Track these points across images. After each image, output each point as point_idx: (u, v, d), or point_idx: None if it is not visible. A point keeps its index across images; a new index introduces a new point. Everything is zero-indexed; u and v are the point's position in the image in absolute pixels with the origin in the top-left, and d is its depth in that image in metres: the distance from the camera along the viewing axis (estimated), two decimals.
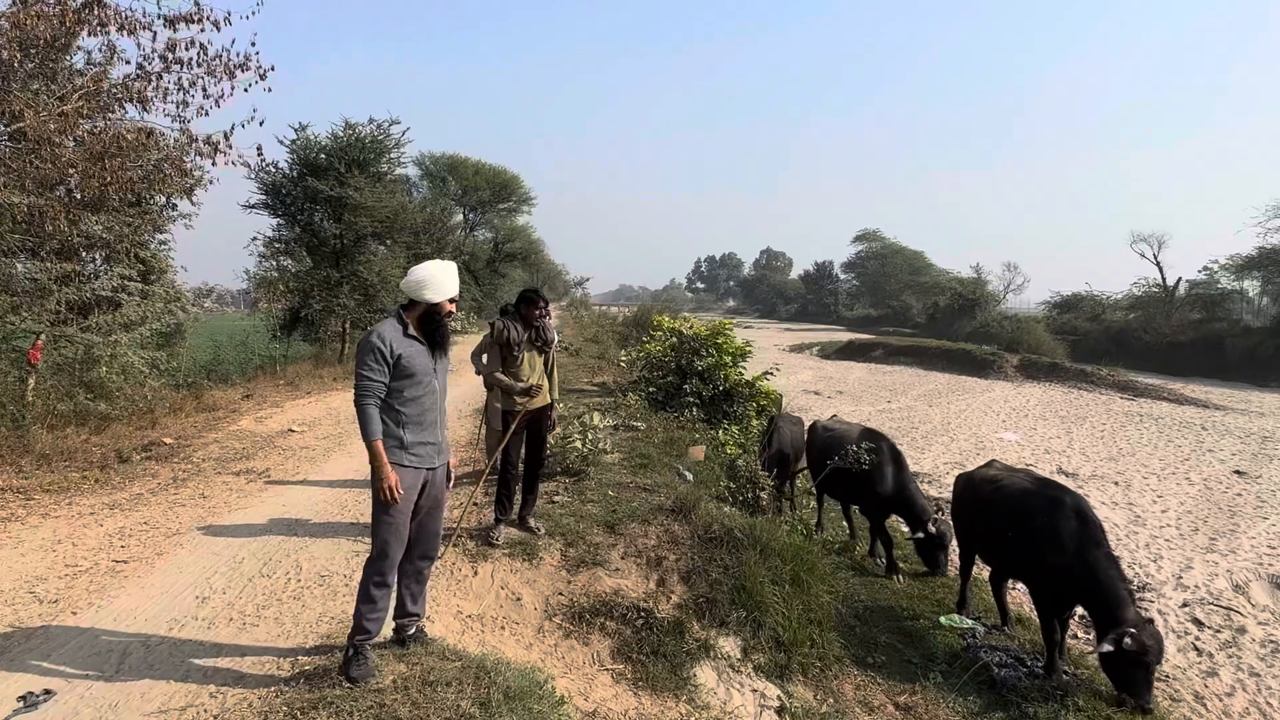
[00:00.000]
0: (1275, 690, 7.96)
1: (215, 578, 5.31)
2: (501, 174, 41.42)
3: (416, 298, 3.96)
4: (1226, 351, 39.34)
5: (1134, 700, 5.44)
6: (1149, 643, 5.29)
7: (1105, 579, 5.58)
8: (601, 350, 21.75)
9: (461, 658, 3.90)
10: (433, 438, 4.02)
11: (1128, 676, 5.41)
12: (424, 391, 3.96)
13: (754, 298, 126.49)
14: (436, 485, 4.08)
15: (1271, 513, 14.04)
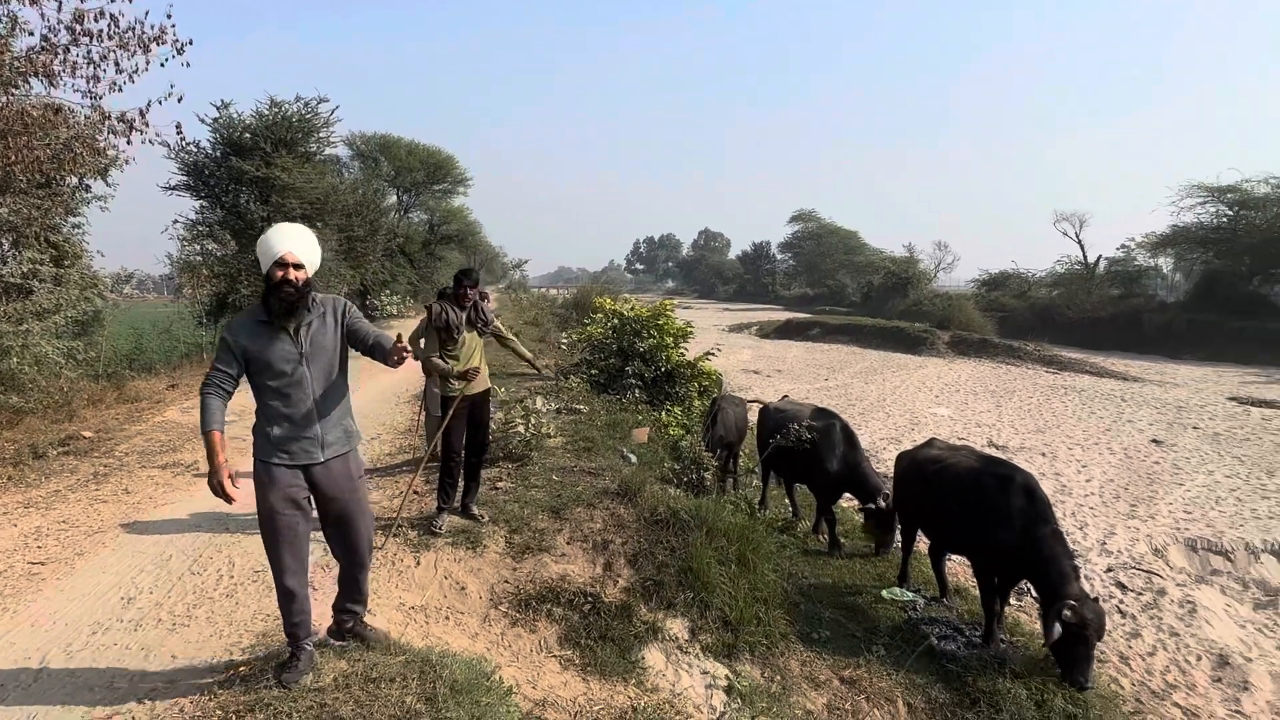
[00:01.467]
0: (1193, 648, 8.35)
1: (141, 577, 5.08)
2: (436, 154, 40.52)
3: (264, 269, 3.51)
4: (1143, 326, 41.03)
5: (1072, 677, 5.50)
6: (1089, 616, 5.41)
7: (1051, 555, 5.70)
8: (541, 333, 21.52)
9: (405, 652, 3.80)
10: (308, 431, 3.55)
11: (1068, 652, 5.51)
12: (288, 382, 3.51)
13: (693, 278, 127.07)
14: (333, 483, 3.64)
15: (1187, 479, 14.70)
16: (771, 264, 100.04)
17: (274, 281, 3.46)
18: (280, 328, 3.49)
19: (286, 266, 3.46)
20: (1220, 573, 10.81)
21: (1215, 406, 23.03)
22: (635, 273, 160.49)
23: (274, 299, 3.47)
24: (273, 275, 3.46)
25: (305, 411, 3.53)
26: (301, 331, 3.53)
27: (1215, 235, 45.85)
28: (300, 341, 3.52)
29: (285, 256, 3.46)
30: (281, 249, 3.47)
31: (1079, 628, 5.36)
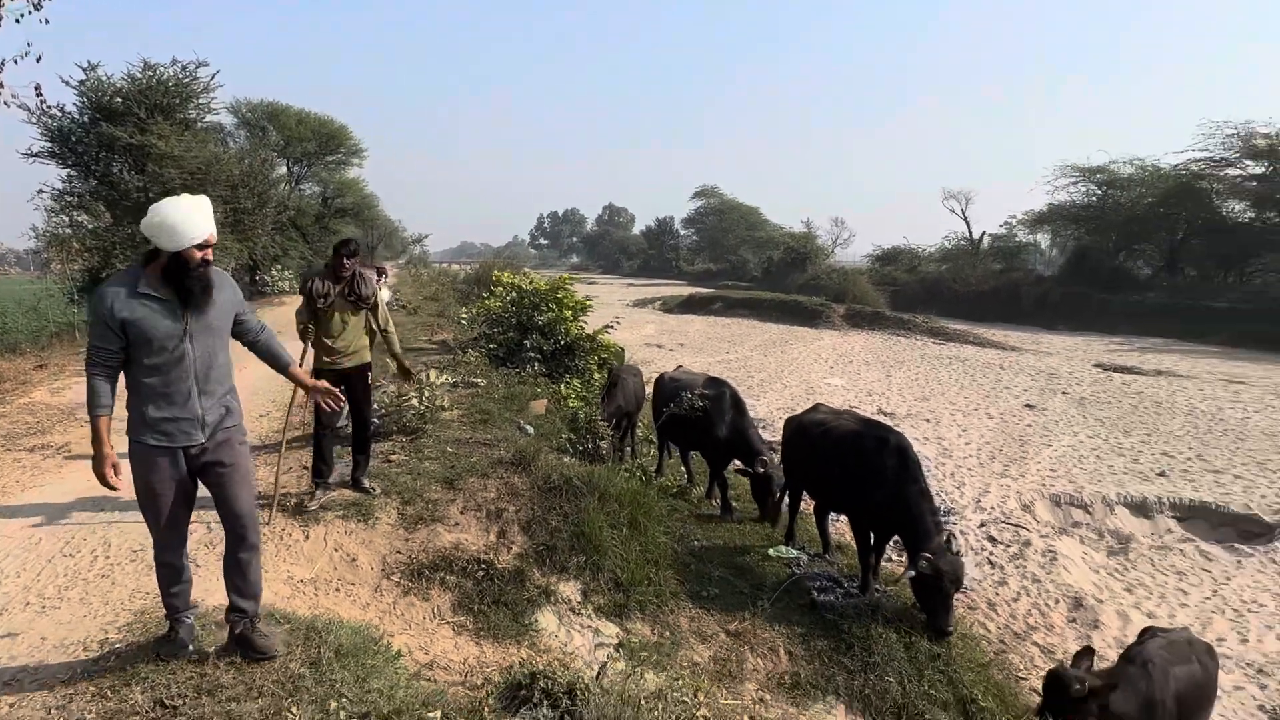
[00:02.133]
0: (1052, 593, 9.07)
1: (7, 561, 4.87)
2: (328, 124, 38.95)
3: (157, 245, 3.28)
4: (1022, 299, 43.44)
5: (932, 623, 5.92)
6: (945, 568, 5.79)
7: (917, 511, 6.10)
8: (441, 308, 21.22)
9: (290, 620, 3.80)
10: (187, 412, 3.35)
11: (927, 600, 5.95)
12: (168, 360, 3.29)
13: (597, 254, 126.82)
14: (214, 460, 3.47)
15: (1054, 440, 15.79)
16: (675, 239, 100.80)
17: (193, 263, 3.29)
18: (162, 301, 3.28)
19: (207, 247, 3.34)
20: (1080, 524, 11.71)
21: (1082, 373, 24.70)
22: (539, 248, 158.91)
23: (193, 281, 3.30)
24: (190, 256, 3.29)
25: (185, 390, 3.34)
26: (191, 308, 3.34)
27: (1086, 213, 48.89)
28: (185, 317, 3.32)
29: (209, 239, 3.34)
30: (205, 231, 3.31)
31: (934, 578, 5.77)
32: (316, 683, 3.20)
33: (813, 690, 5.35)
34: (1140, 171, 46.95)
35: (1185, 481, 13.09)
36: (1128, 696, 4.81)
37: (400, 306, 20.56)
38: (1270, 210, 41.88)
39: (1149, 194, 45.84)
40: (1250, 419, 18.05)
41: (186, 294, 3.29)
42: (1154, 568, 10.15)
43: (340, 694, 3.08)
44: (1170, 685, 4.84)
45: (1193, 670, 5.05)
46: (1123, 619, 8.61)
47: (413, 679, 3.57)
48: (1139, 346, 32.35)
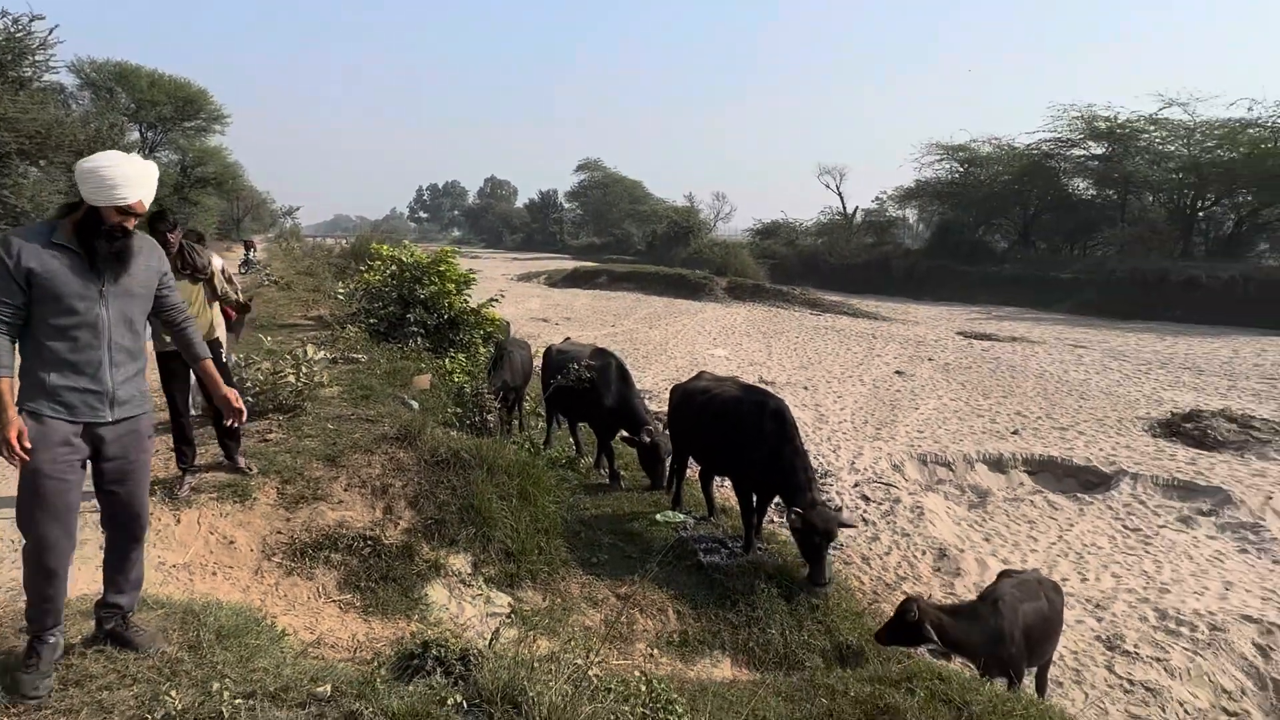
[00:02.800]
0: (919, 545, 9.69)
1: None
2: (185, 87, 36.49)
3: (82, 195, 3.00)
4: (892, 271, 45.71)
5: (810, 576, 6.27)
6: (815, 522, 6.11)
7: (791, 470, 6.40)
8: (316, 283, 20.34)
9: (165, 604, 3.64)
10: (96, 384, 3.03)
11: (805, 552, 6.31)
12: (77, 322, 2.97)
13: (480, 227, 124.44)
14: (119, 446, 3.12)
15: (921, 404, 16.76)
16: (559, 213, 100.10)
17: (109, 224, 2.97)
18: (77, 255, 2.96)
19: (130, 215, 3.02)
20: (944, 481, 12.53)
21: (946, 341, 26.25)
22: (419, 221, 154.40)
23: (103, 245, 2.97)
24: (108, 216, 2.97)
25: (94, 360, 3.01)
26: (107, 269, 3.02)
27: (949, 189, 51.78)
28: (103, 276, 3.00)
29: (136, 205, 3.02)
30: (135, 195, 2.99)
31: (805, 532, 6.10)
32: (196, 665, 3.09)
33: (700, 646, 5.56)
34: (998, 150, 50.04)
35: (1036, 438, 14.19)
36: (974, 629, 5.30)
37: (272, 282, 19.60)
38: (1109, 188, 45.53)
39: (1005, 171, 48.96)
40: (1091, 380, 19.69)
41: (92, 254, 2.97)
42: (1008, 518, 10.99)
43: (222, 675, 2.98)
44: (1019, 620, 5.31)
45: (1040, 606, 5.55)
46: (981, 566, 9.30)
47: (299, 657, 3.50)
48: (996, 315, 34.64)
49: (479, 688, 2.91)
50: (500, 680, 2.93)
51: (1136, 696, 6.90)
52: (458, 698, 2.77)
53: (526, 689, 2.87)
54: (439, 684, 2.98)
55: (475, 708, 2.83)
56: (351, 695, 2.82)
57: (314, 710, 2.79)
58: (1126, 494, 11.64)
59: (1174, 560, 9.49)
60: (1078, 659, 7.20)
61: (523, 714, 2.78)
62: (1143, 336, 27.82)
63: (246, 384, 7.27)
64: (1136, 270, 35.49)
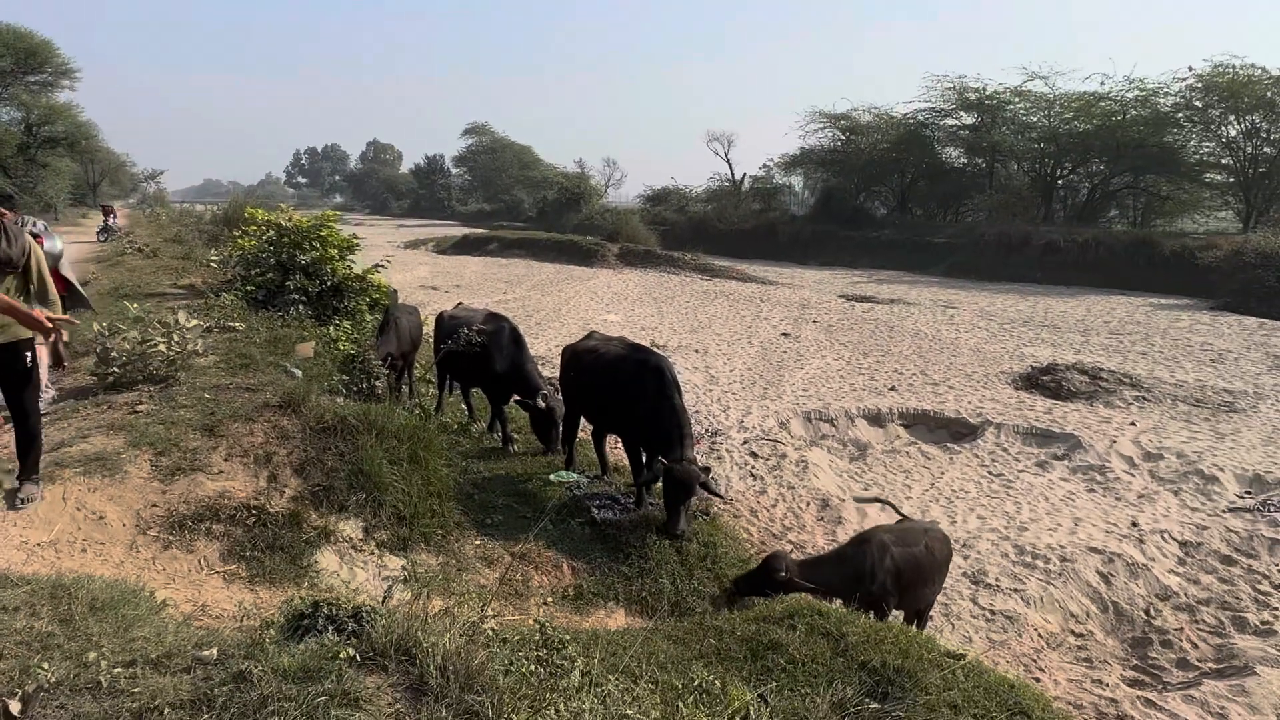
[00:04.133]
0: (802, 495, 10.15)
1: None
2: (27, 37, 33.49)
3: None
4: (779, 236, 46.81)
5: (665, 526, 6.51)
6: (676, 475, 6.30)
7: (667, 426, 6.58)
8: (186, 251, 19.19)
9: (30, 581, 3.46)
10: None
11: (665, 501, 6.54)
12: None
13: (363, 193, 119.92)
14: None
15: (806, 364, 17.39)
16: (446, 178, 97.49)
17: None
18: None
19: None
20: (827, 436, 13.10)
21: (830, 303, 27.22)
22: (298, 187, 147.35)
23: None
24: None
25: None
26: None
27: (832, 157, 53.32)
28: None
29: None
30: None
31: (666, 483, 6.37)
32: (69, 638, 2.97)
33: (595, 599, 5.71)
34: (877, 119, 51.76)
35: (911, 394, 14.99)
36: (837, 572, 5.69)
37: (136, 250, 18.38)
38: (978, 156, 47.96)
39: (884, 140, 50.75)
40: (961, 338, 20.89)
41: None
42: (886, 469, 11.64)
43: (99, 645, 2.89)
44: (886, 562, 5.69)
45: (915, 552, 5.94)
46: (861, 514, 9.83)
47: (182, 625, 3.41)
48: (876, 278, 36.11)
49: (372, 642, 2.93)
50: (394, 634, 2.96)
51: (997, 624, 7.51)
52: (350, 651, 2.77)
53: (420, 640, 2.91)
54: (331, 640, 2.98)
55: (369, 660, 2.85)
56: (240, 656, 2.79)
57: (200, 674, 2.75)
58: (991, 443, 12.49)
59: (1032, 501, 10.29)
60: (945, 594, 7.76)
61: (417, 664, 2.83)
62: (1008, 297, 29.62)
63: (112, 354, 6.89)
64: (1003, 234, 37.66)
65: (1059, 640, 7.34)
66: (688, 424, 6.67)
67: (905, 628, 4.99)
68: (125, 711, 2.54)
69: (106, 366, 6.85)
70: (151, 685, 2.66)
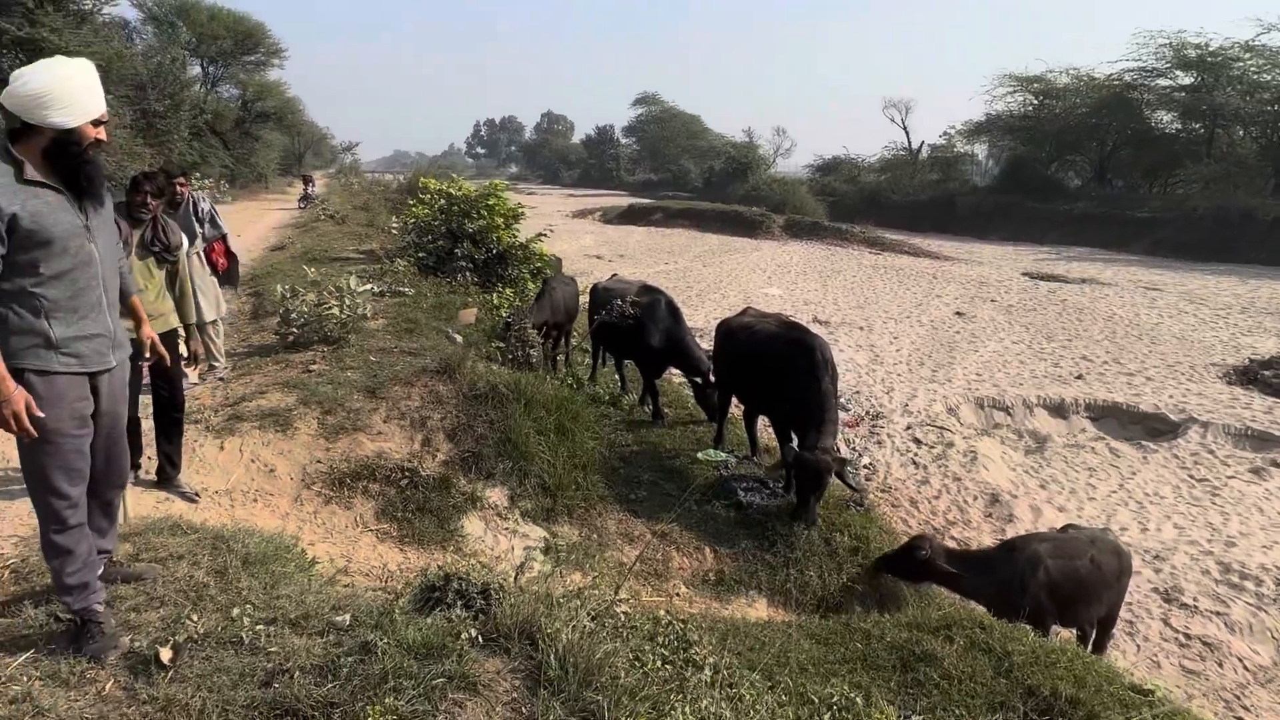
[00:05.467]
0: (971, 489, 9.45)
1: None
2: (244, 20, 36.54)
3: (36, 120, 2.55)
4: (957, 208, 44.03)
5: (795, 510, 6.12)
6: (807, 463, 5.90)
7: (810, 409, 6.23)
8: (371, 218, 20.46)
9: (197, 530, 3.69)
10: (100, 327, 2.73)
11: (796, 489, 6.18)
12: (75, 263, 2.64)
13: (536, 163, 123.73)
14: (110, 396, 2.83)
15: (981, 346, 16.24)
16: (615, 148, 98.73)
17: (83, 144, 2.61)
18: (57, 190, 2.60)
19: (101, 125, 2.67)
20: (1001, 425, 12.18)
21: (1011, 281, 25.32)
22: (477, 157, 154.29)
23: (82, 167, 2.62)
24: (86, 135, 2.61)
25: (94, 300, 2.69)
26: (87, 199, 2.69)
27: (1022, 123, 49.31)
28: (85, 211, 2.68)
29: (103, 116, 2.68)
30: (94, 107, 2.63)
31: (795, 470, 6.03)
32: (221, 590, 3.12)
33: (736, 585, 5.51)
34: (1076, 81, 47.33)
35: (1101, 384, 13.65)
36: (984, 578, 5.19)
37: (328, 216, 19.78)
38: (1195, 121, 42.79)
39: (1082, 104, 46.37)
40: (1163, 324, 18.83)
41: (78, 184, 2.64)
42: (1067, 464, 10.65)
43: (246, 600, 3.01)
44: (1039, 575, 5.12)
45: (1076, 566, 5.32)
46: (1035, 512, 9.04)
47: (326, 584, 3.52)
48: (1066, 255, 33.25)
49: (497, 622, 2.87)
50: (519, 615, 2.88)
51: (1193, 651, 6.66)
52: (473, 631, 2.73)
53: (544, 625, 2.82)
54: (457, 617, 2.94)
55: (491, 642, 2.79)
56: (369, 625, 2.81)
57: (332, 639, 2.79)
58: (1195, 443, 11.17)
59: (1243, 512, 9.09)
60: (1132, 611, 6.97)
61: (539, 650, 2.73)
62: (1223, 279, 26.43)
63: (292, 315, 7.34)
64: (1221, 209, 33.46)
65: (1269, 676, 6.41)
66: (832, 410, 6.27)
67: (1081, 651, 4.46)
68: (260, 670, 2.61)
69: (287, 326, 7.33)
70: (287, 646, 2.72)
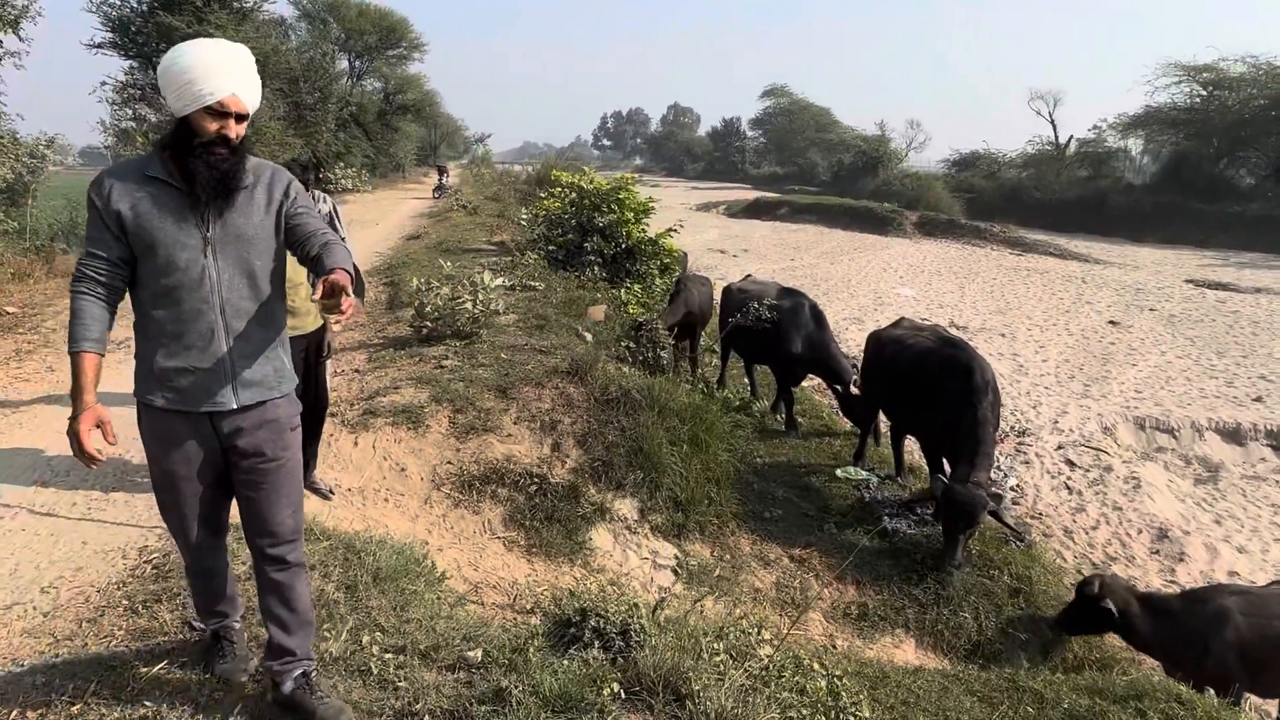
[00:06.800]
0: (1134, 521, 8.56)
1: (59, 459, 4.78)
2: (388, 16, 38.06)
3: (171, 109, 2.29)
4: (1109, 208, 40.93)
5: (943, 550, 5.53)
6: (957, 498, 5.34)
7: (964, 436, 5.67)
8: (501, 209, 20.80)
9: (330, 537, 3.59)
10: (209, 361, 2.31)
11: (945, 530, 5.54)
12: (180, 280, 2.26)
13: (661, 156, 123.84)
14: (251, 441, 2.39)
15: (1140, 360, 14.89)
16: (741, 141, 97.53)
17: (203, 136, 2.24)
18: (175, 189, 2.26)
19: (227, 117, 2.26)
20: (1165, 450, 11.06)
21: (1172, 289, 23.25)
22: (602, 149, 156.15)
23: (199, 164, 2.23)
24: (201, 126, 2.24)
25: (204, 328, 2.29)
26: (211, 206, 2.28)
27: (1187, 116, 45.29)
28: (207, 219, 2.28)
29: (228, 102, 2.25)
30: (222, 88, 2.24)
31: (943, 505, 5.40)
32: (351, 610, 2.98)
33: (880, 622, 5.06)
34: (1252, 70, 43.05)
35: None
36: (1167, 627, 4.60)
37: (461, 206, 20.23)
38: None
39: (1260, 95, 42.14)
40: None
41: (192, 184, 2.25)
42: (1245, 499, 9.54)
43: (376, 624, 2.85)
44: (1228, 634, 4.48)
45: (1276, 627, 4.60)
46: (1211, 552, 8.09)
47: (456, 605, 3.34)
48: (1236, 261, 30.31)
49: (639, 671, 2.60)
50: (664, 666, 2.60)
51: None
52: (615, 687, 2.46)
53: (691, 680, 2.52)
54: (596, 660, 2.70)
55: (634, 696, 2.52)
56: (503, 665, 2.59)
57: (463, 677, 2.59)
58: None
59: None
60: None
61: (686, 711, 2.44)
62: None
63: (427, 308, 7.34)
64: None
65: None
66: (989, 440, 5.68)
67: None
68: (389, 709, 2.43)
69: (422, 320, 7.33)
70: (417, 682, 2.54)
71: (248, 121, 2.35)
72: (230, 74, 2.26)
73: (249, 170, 2.36)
